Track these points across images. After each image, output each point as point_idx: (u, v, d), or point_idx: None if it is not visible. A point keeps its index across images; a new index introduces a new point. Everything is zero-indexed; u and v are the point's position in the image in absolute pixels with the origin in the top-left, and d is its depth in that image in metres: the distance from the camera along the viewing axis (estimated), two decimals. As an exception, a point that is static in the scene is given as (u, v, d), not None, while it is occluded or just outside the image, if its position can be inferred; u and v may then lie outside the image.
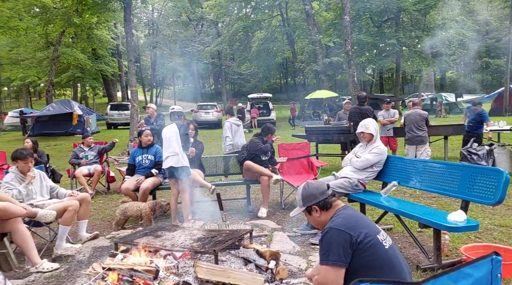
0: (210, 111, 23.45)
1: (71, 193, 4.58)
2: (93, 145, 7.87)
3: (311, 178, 5.85)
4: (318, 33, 22.17)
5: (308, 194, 2.45)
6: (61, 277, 3.47)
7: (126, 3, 13.18)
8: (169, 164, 4.99)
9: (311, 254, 3.92)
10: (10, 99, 54.30)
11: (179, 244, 3.57)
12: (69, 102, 21.66)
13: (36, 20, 21.93)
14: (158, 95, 47.87)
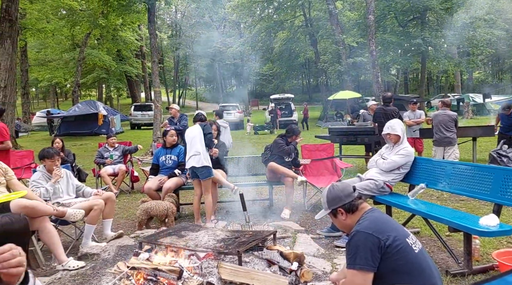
0: (232, 112, 23.53)
1: (97, 192, 4.65)
2: (117, 145, 7.99)
3: (334, 179, 5.76)
4: (342, 33, 21.92)
5: (334, 196, 2.40)
6: (86, 275, 3.51)
7: (150, 4, 13.36)
8: (192, 164, 5.01)
9: (335, 257, 3.84)
10: (37, 99, 56.09)
11: (203, 245, 3.56)
12: (95, 102, 22.15)
13: (63, 22, 22.57)
14: (181, 96, 48.42)
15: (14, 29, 13.44)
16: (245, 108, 33.30)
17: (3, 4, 13.45)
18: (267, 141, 15.38)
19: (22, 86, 24.99)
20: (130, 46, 30.25)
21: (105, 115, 20.91)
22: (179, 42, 38.29)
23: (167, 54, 45.53)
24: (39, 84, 38.86)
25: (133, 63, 35.05)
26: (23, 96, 25.67)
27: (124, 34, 27.01)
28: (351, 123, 9.62)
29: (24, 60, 24.96)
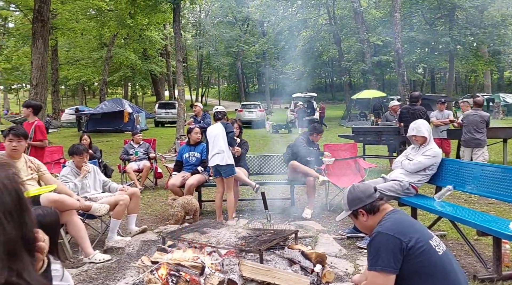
0: (254, 110, 23.58)
1: (122, 188, 4.75)
2: (141, 142, 8.15)
3: (358, 180, 5.69)
4: (367, 31, 21.59)
5: (354, 197, 2.38)
6: (112, 269, 3.60)
7: (176, 4, 13.54)
8: (215, 162, 5.05)
9: (358, 258, 3.79)
10: (66, 97, 57.77)
11: (224, 242, 3.59)
12: (120, 100, 22.62)
13: (92, 22, 23.16)
14: (203, 94, 48.86)
15: (45, 29, 13.87)
16: (267, 107, 33.29)
17: (35, 5, 13.91)
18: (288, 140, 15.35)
19: (53, 84, 25.78)
20: (155, 45, 30.76)
21: (130, 113, 21.32)
22: (202, 41, 38.62)
23: (191, 53, 46.00)
24: (68, 82, 40.00)
25: (158, 61, 35.64)
26: (53, 94, 26.49)
27: (150, 34, 27.49)
28: (376, 123, 9.46)
29: (54, 59, 25.74)
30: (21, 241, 0.90)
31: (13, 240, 0.88)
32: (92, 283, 3.29)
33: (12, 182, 0.92)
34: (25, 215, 0.92)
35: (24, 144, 4.04)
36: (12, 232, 0.88)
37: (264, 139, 16.70)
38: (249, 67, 49.28)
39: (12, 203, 0.90)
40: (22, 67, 34.75)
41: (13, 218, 0.89)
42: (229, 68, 43.89)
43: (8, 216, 0.88)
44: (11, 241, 0.87)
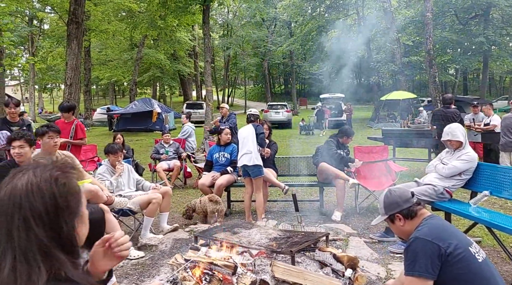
0: (280, 111, 23.55)
1: (155, 186, 4.88)
2: (171, 142, 8.31)
3: (389, 183, 5.60)
4: (397, 31, 21.16)
5: (391, 202, 2.35)
6: (146, 265, 3.71)
7: (206, 5, 13.72)
8: (243, 163, 5.11)
9: (390, 263, 3.75)
10: (97, 96, 59.48)
11: (255, 242, 3.63)
12: (150, 100, 23.08)
13: (123, 24, 23.77)
14: (230, 94, 49.17)
15: (80, 31, 14.33)
16: (293, 107, 33.16)
17: (70, 7, 14.39)
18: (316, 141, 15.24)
19: (85, 84, 26.61)
20: (184, 46, 31.23)
21: (159, 113, 21.73)
22: (230, 41, 38.90)
23: (218, 54, 46.41)
24: (100, 82, 41.18)
25: (186, 62, 36.17)
26: (86, 94, 27.33)
27: (179, 35, 27.96)
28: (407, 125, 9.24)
29: (87, 59, 26.57)
30: (55, 243, 0.91)
31: (44, 242, 0.90)
32: (128, 279, 3.40)
33: (51, 186, 0.94)
34: (62, 218, 0.93)
35: (59, 140, 4.24)
36: (42, 235, 0.90)
37: (290, 140, 16.67)
38: (276, 67, 49.26)
39: (43, 207, 0.91)
40: (56, 67, 36.06)
41: (43, 222, 0.91)
42: (256, 69, 43.97)
43: (38, 220, 0.90)
44: (42, 244, 0.89)
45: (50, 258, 0.90)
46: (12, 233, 0.90)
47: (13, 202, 0.92)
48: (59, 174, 0.98)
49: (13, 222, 0.90)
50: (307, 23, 29.06)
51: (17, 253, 0.88)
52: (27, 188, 0.93)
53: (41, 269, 0.87)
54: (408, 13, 23.48)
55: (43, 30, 35.27)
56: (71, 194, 0.98)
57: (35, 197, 0.92)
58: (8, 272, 0.87)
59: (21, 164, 3.62)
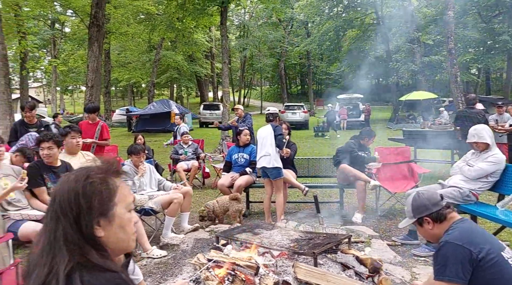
0: (297, 111, 23.43)
1: (176, 186, 4.92)
2: (190, 143, 8.37)
3: (411, 185, 5.51)
4: (417, 30, 20.83)
5: (419, 204, 2.31)
6: (168, 264, 3.74)
7: (223, 7, 13.78)
8: (262, 165, 5.10)
9: (414, 266, 3.69)
10: (116, 98, 60.43)
11: (277, 243, 3.62)
12: (168, 101, 23.34)
13: (142, 26, 24.10)
14: (246, 95, 49.26)
15: (101, 33, 14.61)
16: (310, 108, 33.01)
17: (92, 10, 14.68)
18: (334, 142, 15.10)
19: (105, 86, 27.08)
20: (201, 47, 31.46)
21: (177, 113, 21.93)
22: (246, 42, 39.00)
23: (234, 55, 46.58)
24: (119, 83, 41.85)
25: (203, 63, 36.43)
26: (105, 95, 27.81)
27: (196, 36, 28.18)
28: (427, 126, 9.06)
29: (107, 61, 27.03)
30: (79, 235, 0.98)
31: (69, 233, 0.97)
32: (152, 277, 3.44)
33: (77, 184, 1.00)
34: (82, 216, 0.99)
35: (81, 140, 4.34)
36: (68, 227, 0.98)
37: (308, 141, 16.60)
38: (292, 68, 49.09)
39: (68, 202, 0.99)
40: (77, 69, 36.83)
41: (67, 216, 0.98)
42: (272, 69, 43.95)
43: (64, 213, 0.98)
44: (68, 234, 0.97)
45: (73, 247, 0.96)
46: (47, 222, 1.00)
47: (53, 195, 1.03)
48: (92, 173, 1.03)
49: (49, 211, 1.01)
50: (324, 23, 28.87)
51: (47, 238, 0.98)
52: (62, 185, 1.02)
53: (64, 255, 0.95)
54: (428, 11, 23.07)
55: (64, 33, 36.06)
56: (95, 194, 1.01)
57: (63, 192, 1.00)
58: (37, 255, 0.97)
59: (49, 165, 3.71)
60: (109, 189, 1.03)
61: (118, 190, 1.05)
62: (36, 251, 0.98)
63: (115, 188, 1.05)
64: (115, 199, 1.04)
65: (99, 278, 0.93)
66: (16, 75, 32.24)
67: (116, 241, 1.04)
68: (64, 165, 3.86)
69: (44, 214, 1.05)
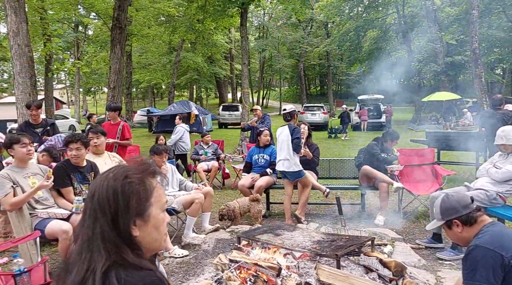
0: (317, 112, 23.32)
1: (197, 187, 4.95)
2: (210, 143, 8.43)
3: (435, 187, 5.40)
4: (440, 30, 20.40)
5: (448, 207, 2.26)
6: (190, 264, 3.77)
7: (244, 8, 13.84)
8: (281, 168, 5.09)
9: (439, 270, 3.61)
10: (137, 99, 61.40)
11: (298, 245, 3.60)
12: (188, 102, 23.53)
13: (162, 28, 24.40)
14: (264, 96, 49.27)
15: (123, 36, 14.86)
16: (330, 109, 32.75)
17: (114, 13, 14.96)
18: (355, 144, 14.95)
19: (126, 87, 27.53)
20: (220, 49, 31.65)
21: (197, 115, 22.10)
22: (265, 43, 39.03)
23: (253, 56, 46.68)
24: (140, 85, 42.50)
25: (222, 65, 36.64)
26: (127, 96, 28.29)
27: (216, 38, 28.37)
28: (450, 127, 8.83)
29: (129, 63, 27.48)
30: (116, 233, 0.99)
31: (106, 231, 0.98)
32: (174, 277, 3.47)
33: (116, 183, 1.02)
34: (120, 215, 1.00)
35: (103, 140, 4.39)
36: (105, 225, 0.99)
37: (327, 142, 16.48)
38: (312, 68, 48.85)
39: (106, 201, 1.00)
40: (99, 71, 37.60)
41: (105, 214, 0.99)
42: (291, 70, 43.84)
43: (102, 211, 0.99)
44: (105, 232, 0.98)
45: (110, 246, 0.98)
46: (85, 219, 1.02)
47: (91, 192, 1.04)
48: (130, 173, 1.04)
49: (87, 209, 1.02)
50: (344, 23, 28.61)
51: (84, 237, 1.00)
52: (101, 183, 1.03)
53: (101, 254, 0.96)
54: (452, 11, 22.59)
55: (87, 36, 36.88)
56: (134, 194, 1.02)
57: (102, 191, 1.01)
58: (76, 252, 0.99)
59: (76, 165, 3.80)
60: (146, 189, 1.04)
61: (154, 191, 1.07)
62: (76, 248, 1.00)
63: (151, 189, 1.06)
64: (151, 199, 1.05)
65: (135, 276, 0.95)
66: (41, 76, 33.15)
67: (150, 241, 1.06)
68: (89, 165, 3.95)
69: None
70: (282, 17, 39.63)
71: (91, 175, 3.94)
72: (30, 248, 3.25)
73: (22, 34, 8.06)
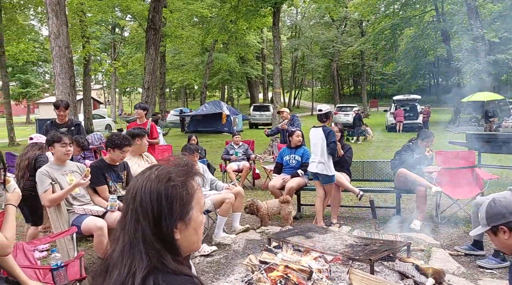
0: (350, 113, 22.90)
1: (228, 186, 4.96)
2: (240, 143, 8.43)
3: (475, 191, 5.14)
4: (481, 27, 19.50)
5: (495, 212, 2.13)
6: (221, 264, 3.77)
7: (276, 7, 13.81)
8: (314, 170, 5.00)
9: (480, 278, 3.42)
10: (170, 99, 62.75)
11: (330, 248, 3.51)
12: (219, 102, 23.80)
13: (196, 29, 24.82)
14: (296, 96, 49.00)
15: (157, 37, 15.21)
16: (364, 109, 32.14)
17: (149, 14, 15.33)
18: (390, 145, 14.56)
19: (160, 87, 28.18)
20: (252, 49, 31.77)
21: (228, 115, 22.29)
22: (298, 43, 38.80)
23: (285, 55, 46.56)
24: (173, 85, 43.40)
25: (254, 65, 36.77)
26: (161, 96, 28.95)
27: (248, 38, 28.51)
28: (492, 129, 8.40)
29: (162, 64, 28.11)
30: (157, 238, 0.97)
31: (148, 236, 0.96)
32: (204, 276, 3.48)
33: (160, 186, 0.99)
34: (163, 219, 0.97)
35: (145, 141, 4.51)
36: (147, 229, 0.96)
37: (361, 144, 16.15)
38: (345, 68, 48.13)
39: (150, 204, 0.97)
40: (134, 72, 38.70)
41: (148, 217, 0.97)
42: (324, 70, 43.35)
43: (144, 214, 0.97)
44: (147, 237, 0.96)
45: (152, 251, 0.96)
46: (126, 221, 0.99)
47: (132, 194, 1.01)
48: (174, 176, 1.02)
49: (128, 211, 1.00)
50: (380, 21, 27.94)
51: (126, 239, 0.98)
52: (143, 183, 1.00)
53: (142, 257, 0.95)
54: (494, 7, 21.55)
55: (124, 37, 38.05)
56: (177, 198, 1.00)
57: (145, 193, 0.98)
58: (118, 254, 0.97)
59: (110, 164, 3.91)
60: (188, 193, 1.02)
61: (195, 193, 1.05)
62: (117, 250, 0.98)
63: (193, 192, 1.04)
64: (192, 202, 1.03)
65: (173, 282, 0.93)
66: (79, 77, 34.52)
67: (189, 244, 1.04)
68: (122, 164, 4.05)
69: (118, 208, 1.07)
70: (315, 16, 39.25)
71: (124, 174, 4.03)
72: (67, 243, 3.34)
73: (63, 36, 8.40)
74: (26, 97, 37.75)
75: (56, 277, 2.72)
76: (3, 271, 2.43)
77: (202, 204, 1.08)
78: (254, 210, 5.02)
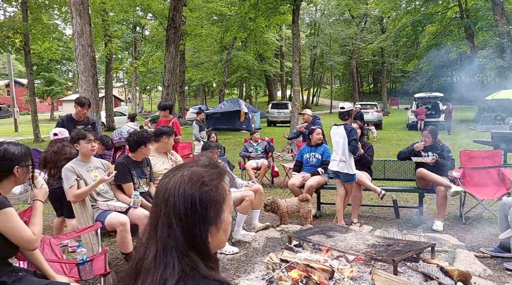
0: (370, 111, 22.56)
1: (247, 184, 4.96)
2: (259, 141, 8.43)
3: (502, 192, 4.99)
4: (507, 23, 18.93)
5: None
6: (241, 261, 3.78)
7: (296, 5, 13.72)
8: (335, 169, 4.95)
9: (507, 281, 3.32)
10: (189, 97, 63.28)
11: (351, 247, 3.48)
12: (238, 100, 23.83)
13: (215, 27, 24.90)
14: (315, 94, 48.65)
15: (177, 35, 15.35)
16: (384, 107, 31.66)
17: (169, 13, 15.49)
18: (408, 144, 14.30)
19: (179, 85, 28.43)
20: (271, 46, 31.69)
21: (246, 112, 22.31)
22: (317, 40, 38.49)
23: (304, 53, 46.26)
24: (192, 83, 43.70)
25: (272, 62, 36.67)
26: (180, 94, 29.20)
27: (267, 35, 28.44)
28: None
29: (182, 62, 28.33)
30: (190, 244, 0.94)
31: (181, 242, 0.93)
32: (225, 273, 3.49)
33: (194, 190, 0.95)
34: (197, 224, 0.95)
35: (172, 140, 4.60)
36: (180, 235, 0.93)
37: (383, 142, 15.92)
38: (365, 65, 47.48)
39: (183, 209, 0.94)
40: (154, 70, 39.16)
41: (182, 222, 0.94)
42: (343, 67, 42.88)
43: (178, 219, 0.94)
44: (179, 243, 0.93)
45: (184, 257, 0.94)
46: (158, 226, 0.96)
47: (164, 197, 0.97)
48: (207, 180, 0.99)
49: (160, 216, 0.96)
50: (401, 18, 27.42)
51: (159, 245, 0.95)
52: (176, 186, 0.96)
53: (175, 265, 0.92)
54: (521, 2, 20.88)
55: (144, 36, 38.52)
56: (212, 203, 0.97)
57: (179, 197, 0.95)
58: (151, 260, 0.95)
59: (136, 160, 3.98)
60: (222, 197, 1.00)
61: (227, 196, 1.03)
62: (149, 255, 0.96)
63: (225, 195, 1.02)
64: (224, 205, 1.01)
65: None
66: (101, 75, 35.14)
67: (218, 244, 1.03)
68: (145, 160, 4.11)
69: (150, 210, 1.03)
70: (334, 13, 38.82)
71: (147, 170, 4.09)
72: (92, 239, 3.41)
73: (86, 35, 8.55)
74: (50, 94, 38.66)
75: (82, 272, 2.77)
76: (31, 265, 2.49)
77: (231, 205, 1.06)
78: (275, 208, 5.02)
